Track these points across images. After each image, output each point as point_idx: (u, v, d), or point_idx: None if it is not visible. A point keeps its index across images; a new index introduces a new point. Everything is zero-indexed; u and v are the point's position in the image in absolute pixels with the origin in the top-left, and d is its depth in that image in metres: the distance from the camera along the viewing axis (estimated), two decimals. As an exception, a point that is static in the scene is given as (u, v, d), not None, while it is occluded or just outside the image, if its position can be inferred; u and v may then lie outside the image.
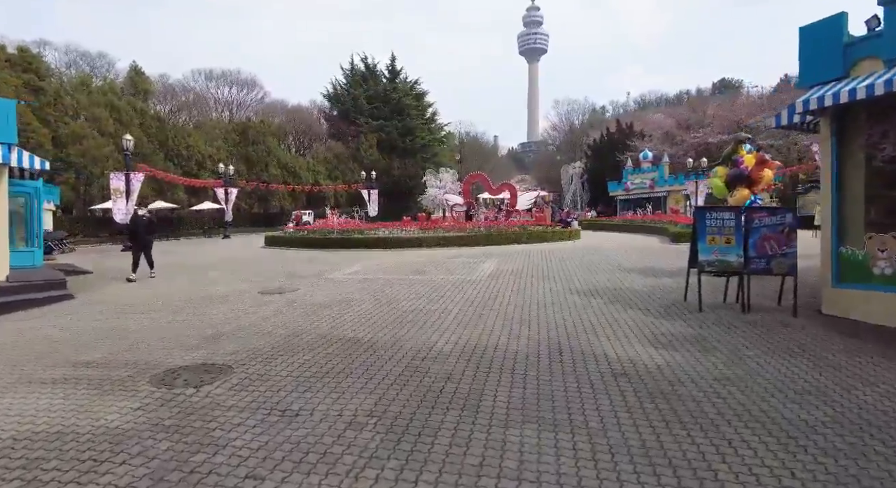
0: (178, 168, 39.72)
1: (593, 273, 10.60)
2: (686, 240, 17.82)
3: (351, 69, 54.22)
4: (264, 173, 44.64)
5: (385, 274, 11.11)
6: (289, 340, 5.64)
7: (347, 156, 49.32)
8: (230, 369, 4.66)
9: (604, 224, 30.55)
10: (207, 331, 6.18)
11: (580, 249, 15.95)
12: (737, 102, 38.90)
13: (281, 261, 14.56)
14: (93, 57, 41.48)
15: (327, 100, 54.18)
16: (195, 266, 14.02)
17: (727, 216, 7.23)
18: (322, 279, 10.55)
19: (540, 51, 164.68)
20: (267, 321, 6.66)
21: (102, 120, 32.56)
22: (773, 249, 6.98)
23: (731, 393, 3.84)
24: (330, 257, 15.31)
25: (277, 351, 5.21)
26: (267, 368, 4.66)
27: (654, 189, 38.02)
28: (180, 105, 44.99)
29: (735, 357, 4.80)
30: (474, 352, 5.03)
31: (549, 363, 4.65)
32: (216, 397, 3.94)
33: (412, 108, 52.83)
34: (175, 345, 5.52)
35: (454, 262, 12.98)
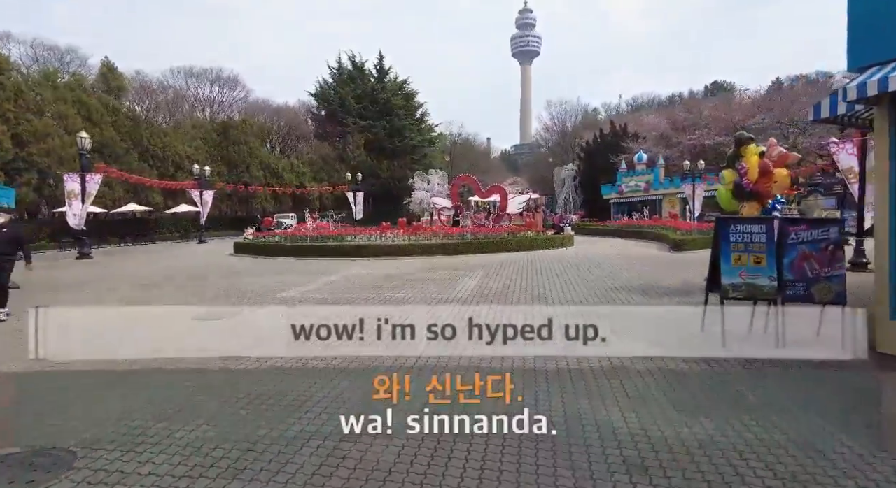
0: (154, 169, 38.00)
1: (591, 291, 9.20)
2: (688, 249, 16.53)
3: (338, 68, 52.67)
4: (245, 175, 43.00)
5: (349, 292, 9.65)
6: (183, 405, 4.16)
7: (334, 157, 47.76)
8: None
9: (597, 229, 29.27)
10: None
11: (575, 259, 14.56)
12: (733, 103, 37.92)
13: (237, 274, 13.03)
14: (62, 51, 39.54)
15: (314, 99, 52.55)
16: (137, 280, 12.45)
17: (757, 229, 5.86)
18: (266, 302, 9.00)
19: (533, 53, 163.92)
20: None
21: (70, 117, 30.77)
22: (815, 271, 5.62)
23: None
24: (297, 268, 13.81)
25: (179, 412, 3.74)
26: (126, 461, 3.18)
27: (648, 192, 36.88)
28: (158, 103, 43.17)
29: (789, 422, 3.41)
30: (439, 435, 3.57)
31: (536, 455, 3.19)
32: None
33: (401, 107, 51.36)
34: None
35: (433, 277, 11.54)
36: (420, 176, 40.56)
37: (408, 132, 51.14)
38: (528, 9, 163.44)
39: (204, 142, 42.91)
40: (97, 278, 12.83)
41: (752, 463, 3.02)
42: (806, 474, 2.90)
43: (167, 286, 11.13)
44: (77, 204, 18.57)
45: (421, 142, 53.08)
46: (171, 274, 13.55)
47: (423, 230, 19.37)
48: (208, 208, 30.94)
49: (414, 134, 52.10)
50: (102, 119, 33.47)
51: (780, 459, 3.07)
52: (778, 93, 35.03)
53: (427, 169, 42.37)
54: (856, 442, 3.25)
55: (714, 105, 39.14)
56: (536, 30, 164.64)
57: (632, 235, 23.47)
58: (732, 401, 3.98)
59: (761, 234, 5.82)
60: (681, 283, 9.52)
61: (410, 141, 51.15)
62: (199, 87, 49.02)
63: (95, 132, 33.92)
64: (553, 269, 12.13)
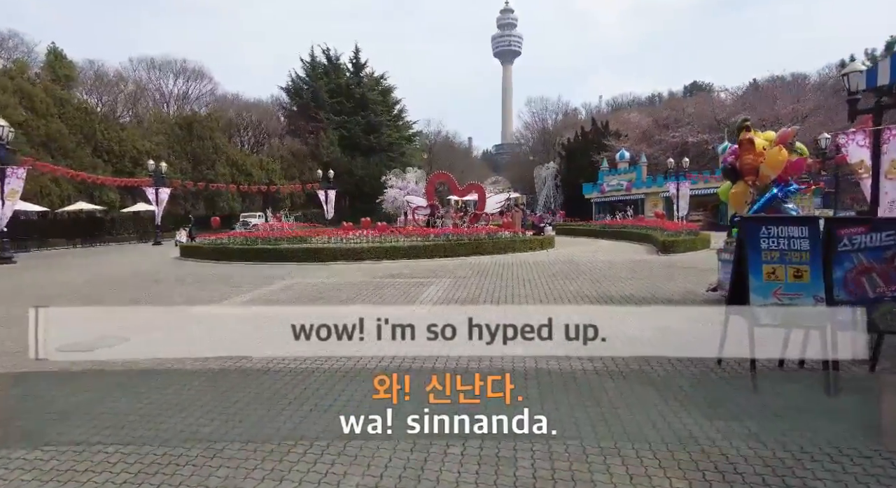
0: (110, 165, 35.42)
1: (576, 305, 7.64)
2: (677, 251, 15.21)
3: (312, 61, 50.43)
4: (210, 172, 40.60)
5: (287, 305, 7.93)
6: None
7: (306, 154, 45.58)
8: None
9: (579, 229, 27.95)
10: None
11: (556, 264, 13.06)
12: (715, 100, 37.20)
13: (164, 283, 11.13)
14: (3, 36, 36.40)
15: (285, 93, 50.22)
16: (40, 291, 10.48)
17: (797, 232, 4.37)
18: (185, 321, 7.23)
19: (514, 53, 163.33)
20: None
21: (10, 107, 28.10)
22: (880, 289, 4.18)
23: None
24: (239, 274, 11.99)
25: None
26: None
27: (630, 191, 35.88)
28: (117, 97, 40.49)
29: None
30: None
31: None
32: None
33: (377, 103, 49.41)
34: None
35: (393, 285, 9.87)
36: (397, 174, 38.83)
37: (384, 129, 49.19)
38: (509, 8, 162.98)
39: (167, 137, 40.36)
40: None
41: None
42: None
43: (68, 298, 9.22)
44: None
45: (398, 140, 51.18)
46: (90, 282, 11.59)
47: (390, 231, 17.65)
48: (163, 206, 28.62)
49: (391, 131, 50.17)
50: (48, 110, 30.85)
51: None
52: (756, 93, 34.34)
53: (405, 167, 40.60)
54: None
55: (696, 101, 38.36)
56: (518, 30, 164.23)
57: (615, 236, 22.17)
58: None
59: (802, 240, 4.35)
60: (682, 294, 8.06)
61: (387, 138, 49.21)
62: (162, 80, 46.36)
63: (41, 124, 31.35)
64: (532, 278, 10.58)
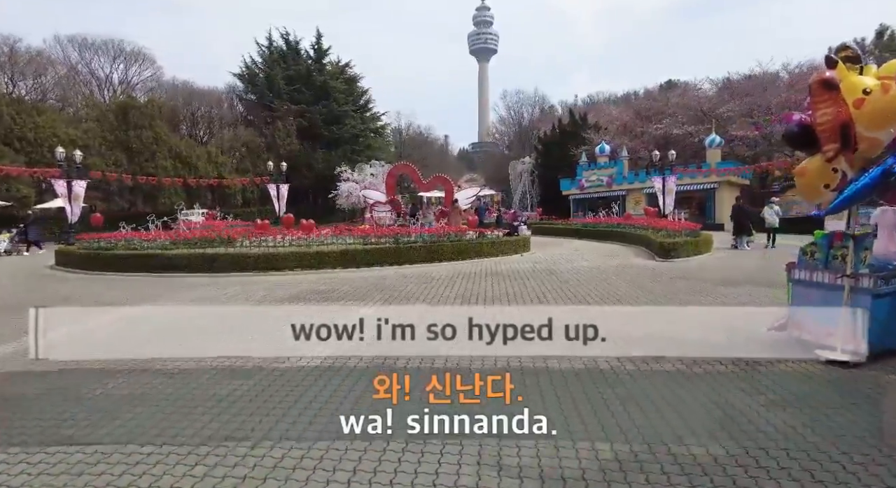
0: (23, 155, 30.85)
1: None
2: (680, 255, 12.32)
3: (269, 46, 46.18)
4: (150, 164, 36.26)
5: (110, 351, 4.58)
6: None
7: (261, 146, 41.49)
8: None
9: (557, 228, 25.07)
10: None
11: (532, 276, 9.99)
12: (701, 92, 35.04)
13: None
14: None
15: (239, 80, 45.80)
16: None
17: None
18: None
19: (490, 51, 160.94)
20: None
21: None
22: None
23: None
24: (96, 293, 8.49)
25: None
26: None
27: (612, 187, 33.31)
28: (39, 78, 35.71)
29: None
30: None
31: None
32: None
33: (340, 91, 45.52)
34: None
35: (290, 315, 6.59)
36: (360, 168, 35.35)
37: (348, 120, 45.33)
38: (485, 6, 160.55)
39: (98, 124, 35.81)
40: None
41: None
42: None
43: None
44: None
45: (364, 132, 47.37)
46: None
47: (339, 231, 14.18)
48: (79, 202, 24.45)
49: (356, 122, 46.33)
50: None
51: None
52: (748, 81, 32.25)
53: (370, 161, 37.07)
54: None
55: (680, 91, 36.13)
56: (494, 27, 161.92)
57: (600, 236, 19.34)
58: None
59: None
60: (726, 338, 5.00)
61: (352, 129, 45.37)
62: (95, 62, 41.52)
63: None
64: (494, 294, 7.46)
